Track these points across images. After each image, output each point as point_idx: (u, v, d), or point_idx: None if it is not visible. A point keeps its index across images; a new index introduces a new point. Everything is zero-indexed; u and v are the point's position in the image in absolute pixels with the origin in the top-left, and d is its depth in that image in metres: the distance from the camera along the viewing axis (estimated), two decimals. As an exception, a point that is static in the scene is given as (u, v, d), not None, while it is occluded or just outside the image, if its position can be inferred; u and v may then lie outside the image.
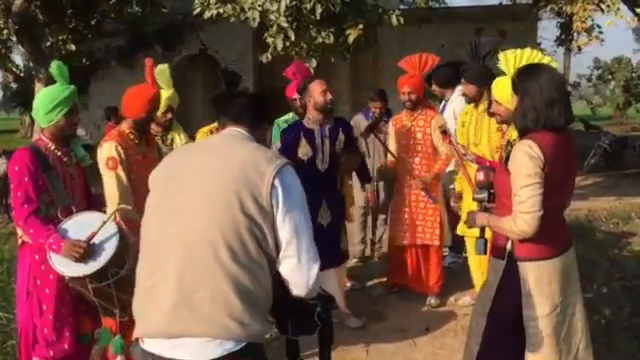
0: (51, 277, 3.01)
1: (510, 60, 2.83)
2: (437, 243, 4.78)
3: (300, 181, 2.00)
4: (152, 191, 2.05)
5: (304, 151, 4.15)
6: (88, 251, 2.83)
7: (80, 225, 2.92)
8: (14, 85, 25.60)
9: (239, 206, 1.84)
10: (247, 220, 1.84)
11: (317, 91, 4.13)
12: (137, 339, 1.93)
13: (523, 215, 2.48)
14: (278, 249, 1.92)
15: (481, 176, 2.80)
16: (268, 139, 2.33)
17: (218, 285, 1.81)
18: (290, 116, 4.86)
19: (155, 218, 1.98)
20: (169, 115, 4.25)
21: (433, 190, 4.79)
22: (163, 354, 1.84)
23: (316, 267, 1.94)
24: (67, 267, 2.83)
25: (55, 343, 3.02)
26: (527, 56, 2.80)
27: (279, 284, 1.96)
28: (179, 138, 4.42)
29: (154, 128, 4.23)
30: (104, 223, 2.88)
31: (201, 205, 1.87)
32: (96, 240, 2.87)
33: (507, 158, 2.62)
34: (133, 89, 3.64)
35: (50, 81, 3.18)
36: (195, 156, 2.06)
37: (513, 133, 3.10)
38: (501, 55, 2.87)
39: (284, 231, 1.89)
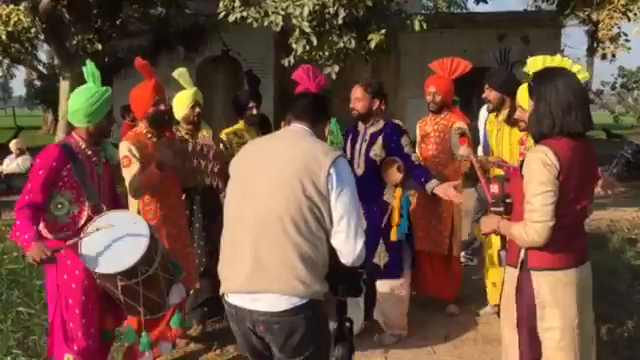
0: (77, 272, 3.02)
1: (538, 65, 2.74)
2: (446, 252, 4.67)
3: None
4: (232, 177, 2.50)
5: (347, 151, 4.16)
6: (51, 257, 2.76)
7: (112, 220, 2.94)
8: (38, 82, 25.93)
9: (302, 190, 2.26)
10: (308, 201, 2.26)
11: (352, 95, 4.14)
12: (223, 294, 2.43)
13: (534, 224, 2.41)
14: (332, 225, 2.31)
15: (495, 189, 2.74)
16: (326, 133, 2.70)
17: (286, 253, 2.26)
18: None
19: (234, 200, 2.44)
20: (197, 110, 4.24)
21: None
22: (244, 306, 2.32)
23: (361, 241, 2.33)
24: (98, 264, 2.84)
25: (80, 338, 3.04)
26: (557, 63, 2.71)
27: (334, 256, 2.35)
28: (209, 137, 4.44)
29: (184, 126, 4.27)
30: (97, 229, 2.87)
31: (271, 189, 2.31)
32: (127, 237, 2.89)
33: (522, 164, 2.55)
34: (135, 91, 3.69)
35: (76, 79, 3.21)
36: (266, 148, 2.52)
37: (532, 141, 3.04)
38: (529, 60, 2.80)
39: (336, 211, 2.30)
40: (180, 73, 4.26)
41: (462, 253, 5.99)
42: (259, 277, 2.28)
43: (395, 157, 4.05)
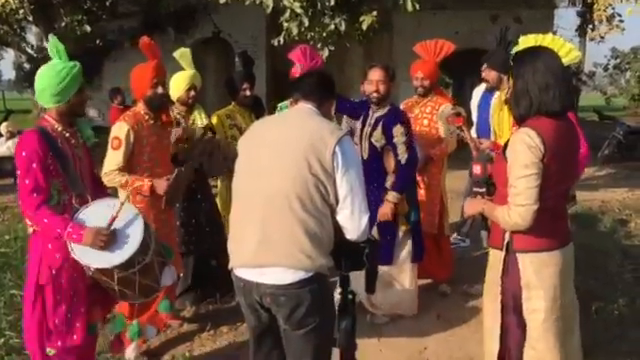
0: (66, 266, 2.86)
1: (530, 44, 2.72)
2: (435, 231, 4.70)
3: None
4: (240, 155, 2.56)
5: (359, 133, 4.12)
6: (111, 238, 2.73)
7: (98, 213, 2.80)
8: (27, 65, 25.62)
9: (307, 168, 2.33)
10: (314, 179, 2.34)
11: (368, 79, 4.08)
12: (232, 268, 2.52)
13: (518, 208, 2.39)
14: (338, 202, 2.39)
15: (478, 170, 2.74)
16: (332, 112, 2.70)
17: (292, 228, 2.33)
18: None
19: (243, 177, 2.51)
20: (192, 93, 4.29)
21: (433, 178, 4.72)
22: (252, 279, 2.42)
23: (366, 218, 2.42)
24: (94, 260, 2.72)
25: (65, 333, 2.89)
26: (548, 42, 2.70)
27: (338, 231, 2.44)
28: (199, 118, 4.44)
29: (178, 107, 4.28)
30: (122, 205, 2.80)
31: (278, 167, 2.38)
32: (120, 227, 2.78)
33: (506, 146, 2.53)
34: (135, 70, 3.63)
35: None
36: (274, 128, 2.58)
37: None
38: (521, 39, 2.77)
39: (342, 189, 2.38)
40: (182, 53, 4.28)
41: (454, 235, 6.05)
42: (266, 252, 2.37)
43: (390, 146, 4.00)
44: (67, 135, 2.91)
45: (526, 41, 2.72)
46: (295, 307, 2.37)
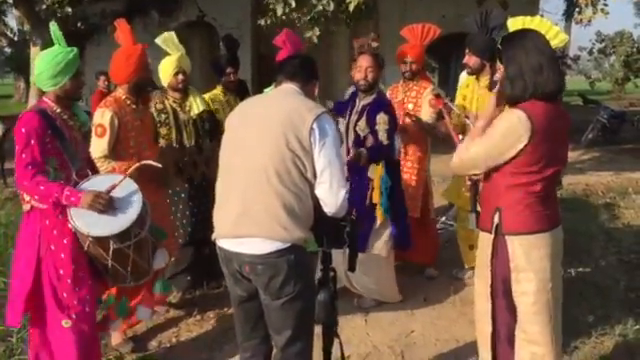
0: (65, 241, 2.91)
1: (518, 25, 2.71)
2: (418, 215, 4.69)
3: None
4: (226, 131, 2.66)
5: (346, 121, 4.09)
6: (110, 204, 2.82)
7: (98, 183, 2.88)
8: (8, 50, 25.27)
9: (285, 143, 2.41)
10: (291, 154, 2.41)
11: (357, 66, 4.04)
12: (215, 239, 2.61)
13: (462, 157, 2.57)
14: (316, 177, 2.46)
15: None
16: (315, 93, 2.78)
17: (269, 201, 2.41)
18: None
19: (227, 152, 2.61)
20: (181, 77, 4.17)
21: (417, 161, 4.72)
22: (231, 249, 2.51)
23: (343, 191, 2.48)
24: (92, 227, 2.78)
25: (75, 305, 2.94)
26: (536, 24, 2.69)
27: (320, 209, 2.50)
28: (196, 104, 4.28)
29: (171, 94, 4.20)
30: (125, 177, 2.91)
31: (258, 142, 2.47)
32: (120, 196, 2.86)
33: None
34: (117, 56, 3.54)
35: (47, 46, 3.06)
36: (258, 105, 2.68)
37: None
38: (510, 20, 2.77)
39: (319, 163, 2.45)
40: (165, 38, 4.15)
41: (442, 218, 6.08)
42: (245, 223, 2.45)
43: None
44: (65, 117, 3.01)
45: (514, 23, 2.71)
46: (272, 276, 2.44)
